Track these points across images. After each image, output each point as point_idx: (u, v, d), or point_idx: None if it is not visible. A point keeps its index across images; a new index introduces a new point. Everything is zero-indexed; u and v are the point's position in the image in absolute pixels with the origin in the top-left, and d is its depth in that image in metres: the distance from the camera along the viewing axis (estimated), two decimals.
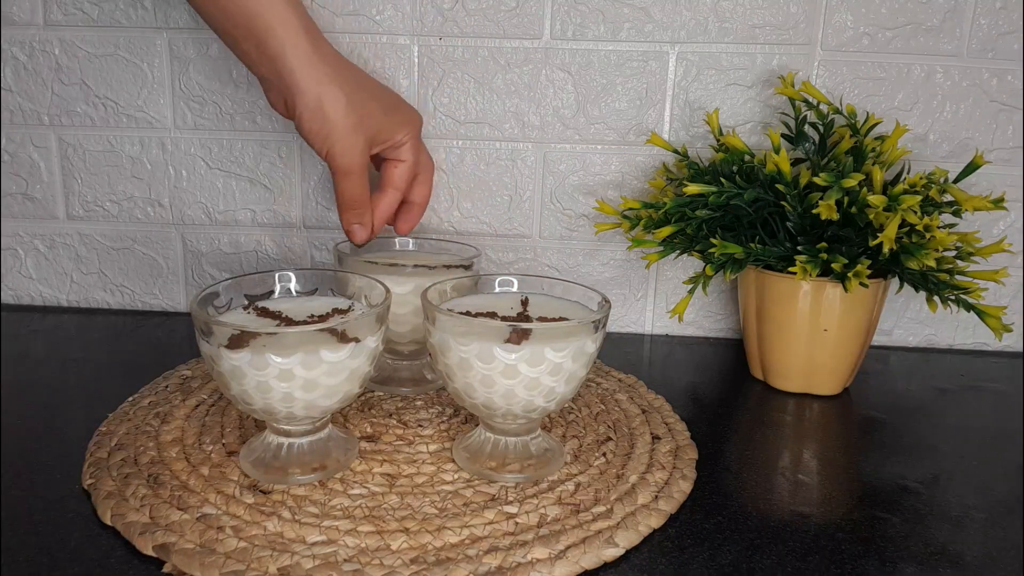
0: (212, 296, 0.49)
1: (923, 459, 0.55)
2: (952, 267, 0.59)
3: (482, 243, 0.76)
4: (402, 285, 0.56)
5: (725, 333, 0.79)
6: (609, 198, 0.75)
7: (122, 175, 0.77)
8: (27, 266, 0.80)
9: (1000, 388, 0.69)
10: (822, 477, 0.52)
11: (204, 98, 0.74)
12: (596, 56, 0.71)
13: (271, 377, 0.43)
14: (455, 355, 0.46)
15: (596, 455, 0.52)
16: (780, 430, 0.59)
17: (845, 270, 0.57)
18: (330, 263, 0.78)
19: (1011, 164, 0.72)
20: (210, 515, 0.44)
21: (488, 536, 0.43)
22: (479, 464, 0.49)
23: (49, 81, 0.74)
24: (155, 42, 0.73)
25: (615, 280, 0.77)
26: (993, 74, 0.70)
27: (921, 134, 0.72)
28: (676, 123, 0.73)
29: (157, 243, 0.78)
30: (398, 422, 0.55)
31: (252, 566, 0.40)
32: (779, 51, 0.71)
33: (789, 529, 0.45)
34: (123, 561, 0.41)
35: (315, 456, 0.48)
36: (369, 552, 0.41)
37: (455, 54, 0.72)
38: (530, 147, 0.74)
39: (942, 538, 0.45)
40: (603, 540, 0.43)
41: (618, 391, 0.62)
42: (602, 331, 0.47)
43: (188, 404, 0.57)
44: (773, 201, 0.61)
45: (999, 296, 0.75)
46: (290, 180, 0.76)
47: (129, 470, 0.48)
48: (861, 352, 0.64)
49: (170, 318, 0.78)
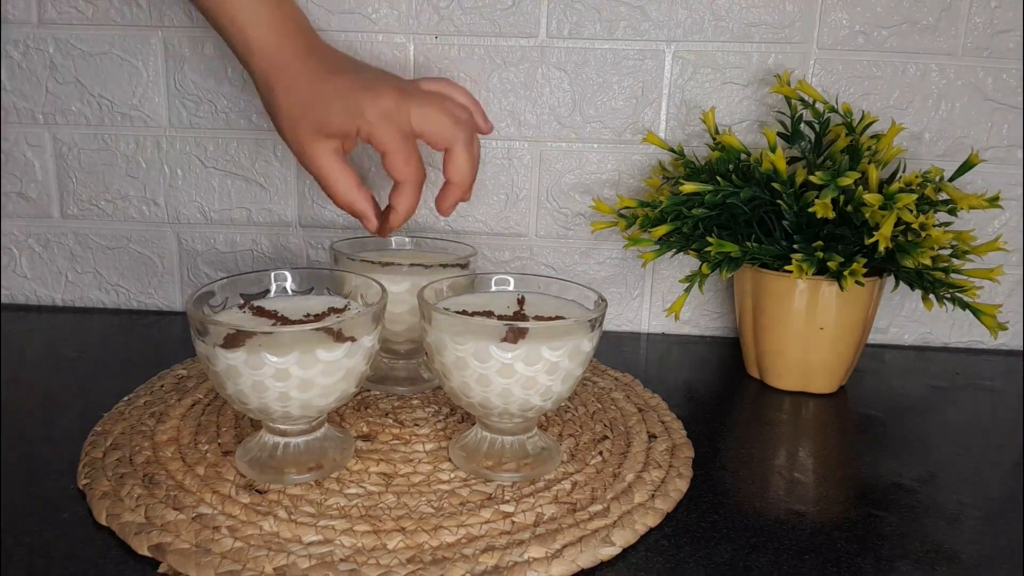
0: (208, 295, 0.48)
1: (919, 457, 0.55)
2: (948, 265, 0.59)
3: (478, 242, 0.76)
4: (398, 284, 0.56)
5: (721, 332, 0.79)
6: (605, 197, 0.75)
7: (117, 174, 0.76)
8: (22, 265, 0.79)
9: (996, 386, 0.69)
10: (818, 475, 0.52)
11: (199, 97, 0.74)
12: (592, 55, 0.71)
13: (267, 376, 0.43)
14: (451, 354, 0.46)
15: (592, 454, 0.52)
16: (776, 428, 0.59)
17: (841, 268, 0.57)
18: (326, 262, 0.78)
19: (1006, 162, 0.72)
20: (206, 515, 0.43)
21: (485, 535, 0.43)
22: (475, 463, 0.49)
23: (43, 79, 0.74)
24: (150, 40, 0.73)
25: (611, 279, 0.77)
26: (988, 72, 0.70)
27: (917, 132, 0.72)
28: (672, 122, 0.73)
29: (152, 242, 0.78)
30: (394, 421, 0.55)
31: (248, 566, 0.40)
32: (775, 50, 0.71)
33: (785, 527, 0.46)
34: (118, 561, 0.40)
35: (311, 456, 0.48)
36: (365, 552, 0.41)
37: (451, 53, 0.72)
38: (526, 146, 0.74)
39: (938, 536, 0.45)
40: (599, 539, 0.43)
41: (614, 390, 0.62)
42: (598, 330, 0.47)
43: (184, 404, 0.57)
44: (769, 200, 0.62)
45: (994, 294, 0.75)
46: (286, 179, 0.76)
47: (124, 470, 0.48)
48: (857, 350, 0.64)
49: (165, 317, 0.78)
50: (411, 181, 0.55)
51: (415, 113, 0.53)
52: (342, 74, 0.54)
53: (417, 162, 0.55)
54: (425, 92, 0.56)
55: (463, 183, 0.56)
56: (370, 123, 0.52)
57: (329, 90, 0.53)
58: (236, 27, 0.55)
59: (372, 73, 0.57)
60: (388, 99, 0.52)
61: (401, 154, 0.53)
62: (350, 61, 0.59)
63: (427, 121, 0.53)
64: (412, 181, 0.55)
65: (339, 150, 0.55)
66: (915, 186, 0.59)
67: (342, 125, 0.53)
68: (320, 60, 0.55)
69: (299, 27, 0.57)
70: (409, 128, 0.53)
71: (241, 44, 0.55)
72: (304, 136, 0.54)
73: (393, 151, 0.53)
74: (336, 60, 0.57)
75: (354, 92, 0.53)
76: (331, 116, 0.53)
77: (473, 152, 0.56)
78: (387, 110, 0.52)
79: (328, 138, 0.54)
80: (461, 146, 0.54)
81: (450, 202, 0.57)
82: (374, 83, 0.53)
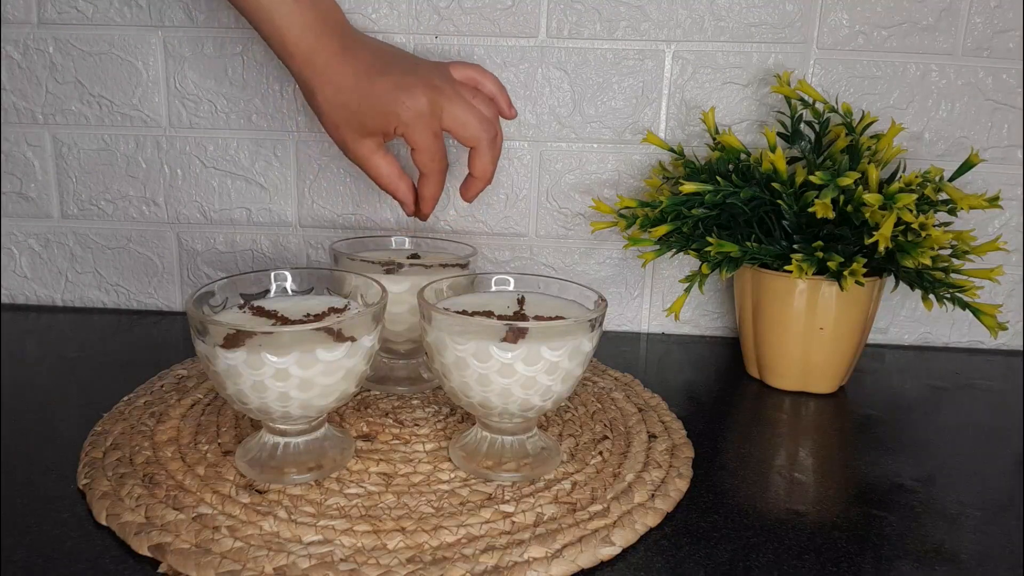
0: (208, 295, 0.48)
1: (919, 457, 0.55)
2: (947, 265, 0.59)
3: (478, 242, 0.76)
4: (398, 284, 0.56)
5: (721, 331, 0.79)
6: (605, 197, 0.75)
7: (117, 174, 0.76)
8: (22, 265, 0.79)
9: (995, 386, 0.69)
10: (818, 475, 0.52)
11: (199, 97, 0.74)
12: (592, 55, 0.71)
13: (267, 376, 0.43)
14: (451, 354, 0.46)
15: (592, 454, 0.52)
16: (776, 428, 0.59)
17: (841, 268, 0.57)
18: (326, 262, 0.78)
19: (1006, 162, 0.72)
20: (206, 515, 0.43)
21: (485, 535, 0.43)
22: (475, 463, 0.49)
23: (43, 79, 0.74)
24: (150, 40, 0.73)
25: (611, 279, 0.77)
26: (988, 72, 0.70)
27: (916, 132, 0.72)
28: (672, 122, 0.73)
29: (152, 242, 0.78)
30: (394, 421, 0.55)
31: (248, 566, 0.40)
32: (775, 50, 0.71)
33: (785, 527, 0.46)
34: (118, 561, 0.40)
35: (311, 455, 0.48)
36: (365, 551, 0.41)
37: (451, 52, 0.72)
38: (526, 146, 0.74)
39: (938, 536, 0.45)
40: (600, 539, 0.43)
41: (614, 390, 0.62)
42: (598, 330, 0.47)
43: (184, 404, 0.57)
44: (769, 200, 0.62)
45: (994, 294, 0.75)
46: (286, 179, 0.76)
47: (124, 470, 0.48)
48: (857, 350, 0.64)
49: (165, 317, 0.78)
50: (437, 171, 0.61)
51: (447, 114, 0.58)
52: (379, 75, 0.58)
53: (443, 156, 0.61)
54: (456, 88, 0.60)
55: (485, 176, 0.62)
56: (405, 124, 0.57)
57: (367, 93, 0.57)
58: (274, 28, 0.57)
59: (407, 67, 0.59)
60: (422, 100, 0.57)
61: (430, 151, 0.59)
62: (386, 54, 0.61)
63: (456, 121, 0.59)
64: (438, 171, 0.61)
65: (381, 143, 0.60)
66: (915, 186, 0.59)
67: (380, 126, 0.58)
68: (357, 59, 0.58)
69: (335, 26, 0.58)
70: (439, 126, 0.59)
71: (279, 46, 0.58)
72: (348, 136, 0.59)
73: (423, 148, 0.59)
74: (373, 56, 0.59)
75: (390, 94, 0.57)
76: (370, 119, 0.58)
77: (496, 149, 0.62)
78: (420, 111, 0.57)
79: (369, 136, 0.59)
80: (486, 144, 0.60)
81: (473, 192, 0.64)
82: (409, 82, 0.58)
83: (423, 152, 0.59)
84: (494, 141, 0.61)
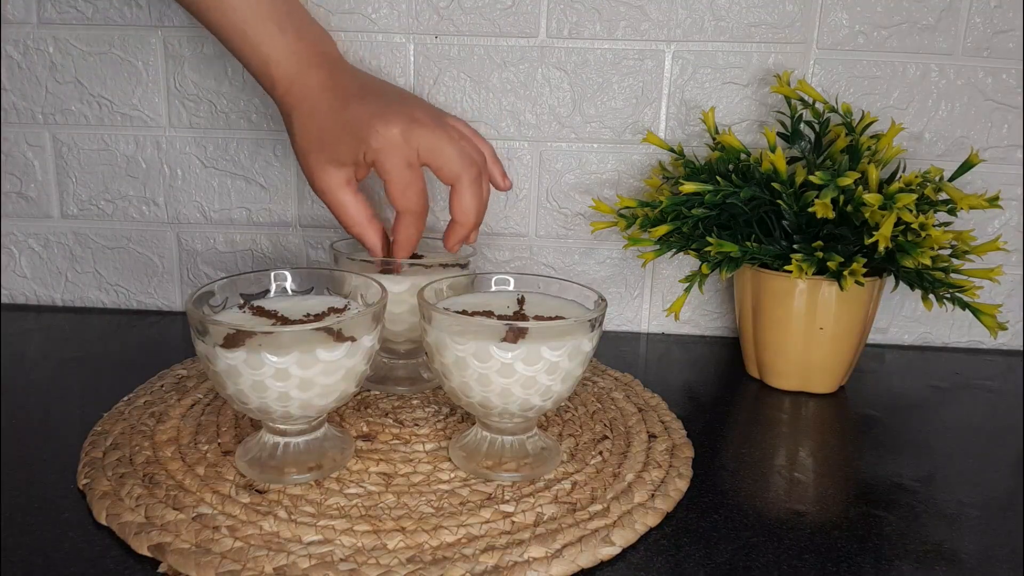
0: (207, 295, 0.48)
1: (918, 457, 0.55)
2: (947, 265, 0.59)
3: (478, 242, 0.76)
4: (398, 284, 0.56)
5: (721, 331, 0.79)
6: (605, 197, 0.75)
7: (117, 174, 0.76)
8: (21, 265, 0.79)
9: (995, 386, 0.69)
10: (818, 475, 0.52)
11: (199, 96, 0.74)
12: (592, 54, 0.71)
13: (267, 376, 0.43)
14: (451, 354, 0.46)
15: (592, 454, 0.52)
16: (776, 428, 0.59)
17: (841, 268, 0.57)
18: (326, 262, 0.78)
19: (1006, 162, 0.72)
20: (206, 515, 0.43)
21: (484, 535, 0.43)
22: (475, 463, 0.49)
23: (43, 79, 0.74)
24: (149, 40, 0.73)
25: (611, 279, 0.77)
26: (988, 72, 0.70)
27: (916, 132, 0.72)
28: (672, 121, 0.73)
29: (152, 242, 0.78)
30: (394, 421, 0.55)
31: (248, 566, 0.40)
32: (775, 50, 0.71)
33: (785, 527, 0.46)
34: (118, 561, 0.40)
35: (311, 455, 0.48)
36: (365, 551, 0.41)
37: (451, 52, 0.72)
38: (526, 146, 0.74)
39: (938, 536, 0.45)
40: (600, 539, 0.43)
41: (614, 389, 0.62)
42: (598, 330, 0.47)
43: (184, 403, 0.57)
44: (769, 199, 0.62)
45: (994, 294, 0.75)
46: (286, 179, 0.76)
47: (124, 470, 0.48)
48: (857, 350, 0.64)
49: (165, 317, 0.78)
50: (411, 211, 0.54)
51: (423, 143, 0.52)
52: (357, 102, 0.53)
53: (418, 192, 0.53)
54: (442, 122, 0.55)
55: (467, 223, 0.55)
56: (375, 150, 0.52)
57: (342, 121, 0.53)
58: (259, 57, 0.54)
59: (390, 99, 0.55)
60: (395, 127, 0.52)
61: (400, 183, 0.53)
62: (374, 86, 0.57)
63: (433, 152, 0.53)
64: (412, 211, 0.54)
65: (351, 180, 0.55)
66: (915, 186, 0.59)
67: (349, 153, 0.53)
68: (339, 91, 0.54)
69: (322, 57, 0.56)
70: (416, 158, 0.53)
71: (263, 75, 0.56)
72: (315, 165, 0.55)
73: (393, 180, 0.53)
74: (360, 87, 0.56)
75: (363, 119, 0.52)
76: (340, 146, 0.53)
77: (480, 192, 0.55)
78: (392, 139, 0.52)
79: (339, 167, 0.54)
80: (467, 182, 0.53)
81: (454, 240, 0.57)
82: (387, 112, 0.53)
83: (394, 184, 0.52)
84: (478, 181, 0.54)
